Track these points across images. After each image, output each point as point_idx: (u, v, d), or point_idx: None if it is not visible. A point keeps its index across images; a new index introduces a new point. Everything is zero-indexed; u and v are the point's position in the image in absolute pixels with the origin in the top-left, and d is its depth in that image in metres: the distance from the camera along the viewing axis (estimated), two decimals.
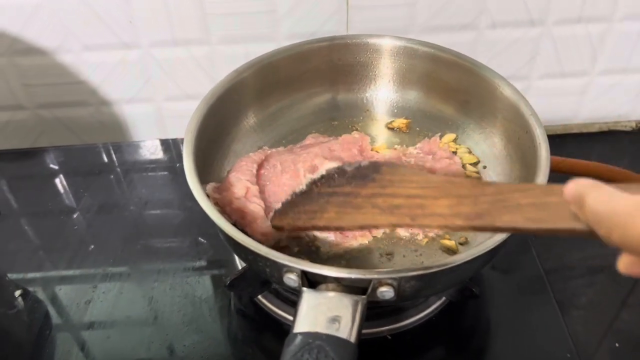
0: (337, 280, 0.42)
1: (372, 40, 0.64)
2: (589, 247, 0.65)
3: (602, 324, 0.57)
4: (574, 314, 0.57)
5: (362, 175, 0.49)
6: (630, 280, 0.61)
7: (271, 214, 0.53)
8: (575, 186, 0.31)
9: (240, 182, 0.55)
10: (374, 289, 0.42)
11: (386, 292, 0.42)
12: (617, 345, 0.55)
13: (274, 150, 0.61)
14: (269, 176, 0.58)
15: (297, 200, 0.51)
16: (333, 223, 0.47)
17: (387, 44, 0.64)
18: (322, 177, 0.51)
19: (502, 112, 0.58)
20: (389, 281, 0.42)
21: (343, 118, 0.67)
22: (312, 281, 0.43)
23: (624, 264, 0.31)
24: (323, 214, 0.48)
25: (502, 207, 0.36)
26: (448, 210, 0.40)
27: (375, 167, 0.49)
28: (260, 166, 0.59)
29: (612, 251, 0.65)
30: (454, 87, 0.63)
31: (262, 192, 0.56)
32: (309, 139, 0.62)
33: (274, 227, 0.52)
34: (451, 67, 0.62)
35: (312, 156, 0.58)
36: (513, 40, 0.73)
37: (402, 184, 0.45)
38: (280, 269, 0.43)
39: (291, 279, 0.43)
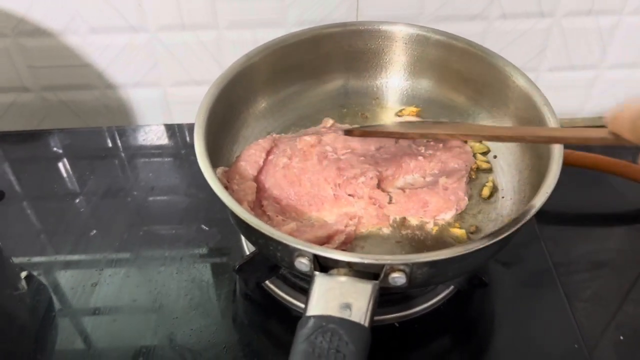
0: (349, 265, 0.42)
1: (384, 27, 0.64)
2: (597, 241, 0.65)
3: (607, 317, 0.57)
4: (581, 306, 0.57)
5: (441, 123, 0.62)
6: (635, 275, 0.61)
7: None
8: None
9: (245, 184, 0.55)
10: (386, 275, 0.42)
11: (398, 278, 0.42)
12: (621, 338, 0.55)
13: (283, 135, 0.61)
14: (275, 163, 0.57)
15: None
16: (399, 130, 0.57)
17: (399, 31, 0.63)
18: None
19: (515, 101, 0.58)
20: (402, 267, 0.42)
21: (353, 105, 0.67)
22: (324, 266, 0.43)
23: None
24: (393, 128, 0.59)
25: (548, 131, 0.51)
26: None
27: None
28: (269, 152, 0.58)
29: (618, 246, 0.66)
30: (465, 76, 0.62)
31: (265, 183, 0.56)
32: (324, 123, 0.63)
33: (345, 132, 0.58)
34: (463, 55, 0.61)
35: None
36: (523, 31, 0.73)
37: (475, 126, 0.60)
38: (292, 252, 0.43)
39: (303, 263, 0.43)
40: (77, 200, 0.67)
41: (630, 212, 0.69)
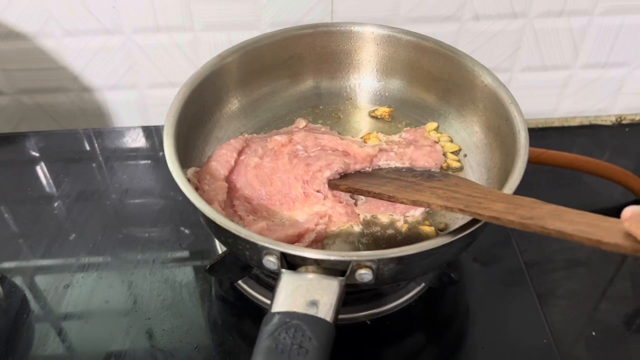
0: (316, 262, 0.43)
1: (355, 28, 0.64)
2: (570, 241, 0.65)
3: (580, 314, 0.58)
4: (552, 304, 0.58)
5: (429, 175, 0.54)
6: (608, 273, 0.62)
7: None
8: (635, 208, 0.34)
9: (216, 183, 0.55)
10: (353, 271, 0.42)
11: (365, 275, 0.42)
12: (593, 333, 0.56)
13: (255, 135, 0.61)
14: (247, 163, 0.57)
15: (361, 174, 0.57)
16: (389, 193, 0.50)
17: (370, 32, 0.64)
18: (390, 168, 0.57)
19: (483, 100, 0.59)
20: (368, 263, 0.42)
21: (326, 106, 0.67)
22: (292, 264, 0.43)
23: None
24: (382, 186, 0.52)
25: (556, 218, 0.39)
26: (504, 209, 0.42)
27: (444, 174, 0.56)
28: (240, 152, 0.58)
29: (591, 246, 0.66)
30: (435, 76, 0.63)
31: (236, 183, 0.56)
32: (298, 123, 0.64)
33: (330, 185, 0.55)
34: (433, 55, 0.62)
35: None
36: (495, 32, 0.74)
37: (467, 188, 0.48)
38: (260, 251, 0.43)
39: (270, 261, 0.43)
40: (52, 203, 0.67)
41: (603, 210, 0.69)
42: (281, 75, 0.65)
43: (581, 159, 0.69)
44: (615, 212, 0.68)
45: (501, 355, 0.54)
